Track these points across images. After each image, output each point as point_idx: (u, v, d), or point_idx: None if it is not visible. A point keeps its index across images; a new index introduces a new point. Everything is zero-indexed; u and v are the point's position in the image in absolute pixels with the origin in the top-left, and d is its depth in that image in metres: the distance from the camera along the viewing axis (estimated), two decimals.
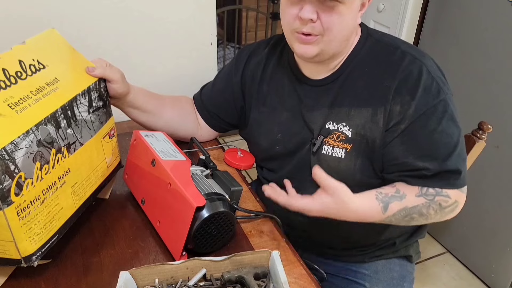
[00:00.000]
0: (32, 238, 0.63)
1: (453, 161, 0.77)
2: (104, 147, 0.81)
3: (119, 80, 0.84)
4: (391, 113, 0.78)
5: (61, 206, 0.69)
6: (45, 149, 0.63)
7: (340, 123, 0.83)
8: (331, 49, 0.79)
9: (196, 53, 1.31)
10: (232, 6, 2.79)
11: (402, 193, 0.79)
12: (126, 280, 0.62)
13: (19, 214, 0.60)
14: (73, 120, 0.71)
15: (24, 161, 0.59)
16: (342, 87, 0.83)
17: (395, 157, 0.79)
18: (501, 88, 1.47)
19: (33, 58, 0.69)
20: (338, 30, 0.76)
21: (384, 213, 0.77)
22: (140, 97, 0.94)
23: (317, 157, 0.85)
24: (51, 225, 0.67)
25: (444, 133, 0.77)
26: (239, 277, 0.65)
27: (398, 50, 0.80)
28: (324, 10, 0.73)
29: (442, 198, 0.79)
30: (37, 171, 0.62)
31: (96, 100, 0.78)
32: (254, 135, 0.98)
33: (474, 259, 1.74)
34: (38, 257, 0.65)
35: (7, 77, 0.63)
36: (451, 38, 1.64)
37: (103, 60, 0.84)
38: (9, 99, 0.61)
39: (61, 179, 0.68)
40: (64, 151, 0.68)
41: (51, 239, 0.68)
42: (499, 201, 1.55)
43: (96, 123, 0.78)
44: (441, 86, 0.77)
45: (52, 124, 0.65)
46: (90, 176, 0.77)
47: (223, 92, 1.01)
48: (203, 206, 0.70)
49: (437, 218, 0.81)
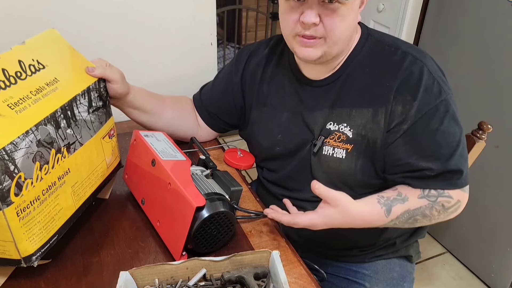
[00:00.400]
0: (32, 239, 0.63)
1: (455, 160, 0.77)
2: (104, 147, 0.81)
3: (119, 80, 0.84)
4: (393, 113, 0.77)
5: (61, 206, 0.69)
6: (45, 149, 0.63)
7: (341, 124, 0.83)
8: (334, 51, 0.79)
9: (196, 53, 1.31)
10: (232, 6, 2.79)
11: (404, 195, 0.79)
12: (126, 280, 0.62)
13: (18, 215, 0.59)
14: (72, 120, 0.71)
15: (23, 162, 0.59)
16: (343, 88, 0.83)
17: (398, 158, 0.79)
18: (501, 88, 1.47)
19: (33, 58, 0.69)
20: (341, 31, 0.75)
21: (388, 217, 0.77)
22: (140, 97, 0.94)
23: (318, 158, 0.85)
24: (51, 225, 0.67)
25: (446, 133, 0.77)
26: (239, 277, 0.65)
27: (399, 50, 0.80)
28: (326, 14, 0.73)
29: (445, 199, 0.79)
30: (36, 171, 0.62)
31: (96, 100, 0.78)
32: (254, 135, 0.98)
33: (474, 259, 1.73)
34: (38, 257, 0.65)
35: (7, 77, 0.63)
36: (451, 38, 1.64)
37: (103, 60, 0.84)
38: (8, 100, 0.61)
39: (60, 179, 0.68)
40: (64, 151, 0.68)
41: (51, 239, 0.68)
42: (499, 201, 1.55)
43: (96, 123, 0.78)
44: (442, 86, 0.77)
45: (52, 124, 0.65)
46: (90, 176, 0.77)
47: (223, 93, 1.01)
48: (203, 206, 0.70)
49: (441, 218, 0.81)
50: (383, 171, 0.83)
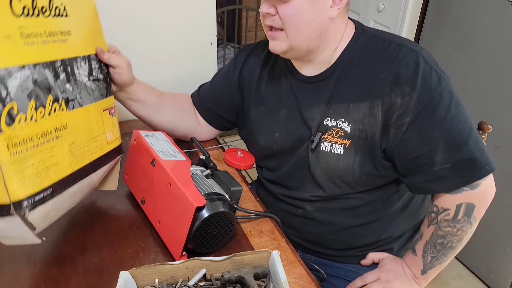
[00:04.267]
0: (23, 181, 0.61)
1: (470, 148, 0.75)
2: (104, 120, 0.81)
3: (124, 68, 0.85)
4: (392, 106, 0.76)
5: (57, 160, 0.68)
6: (41, 92, 0.64)
7: (338, 119, 0.82)
8: (301, 44, 0.80)
9: (196, 53, 1.31)
10: (232, 6, 2.79)
11: (421, 232, 0.86)
12: (126, 280, 0.62)
13: (9, 148, 0.58)
14: (72, 78, 0.71)
15: (17, 92, 0.59)
16: (338, 83, 0.83)
17: (411, 152, 0.77)
18: (501, 88, 1.47)
19: (62, 2, 0.69)
20: (299, 24, 0.77)
21: (416, 255, 0.85)
22: (142, 89, 0.95)
23: (316, 154, 0.85)
24: (45, 174, 0.66)
25: (456, 120, 0.75)
26: (239, 277, 0.65)
27: (393, 43, 0.80)
28: (280, 4, 0.76)
29: (442, 215, 0.80)
30: (31, 110, 0.61)
31: (96, 70, 0.79)
32: (253, 134, 0.98)
33: (474, 259, 1.74)
34: (29, 206, 0.62)
35: (33, 7, 0.62)
36: (451, 38, 1.64)
37: (114, 46, 0.87)
38: (24, 28, 0.60)
39: (57, 131, 0.68)
40: (62, 103, 0.68)
41: (44, 191, 0.65)
42: (499, 201, 1.54)
43: (96, 92, 0.78)
44: (440, 74, 0.76)
45: (50, 71, 0.66)
46: (89, 143, 0.76)
47: (221, 89, 1.02)
48: (203, 206, 0.70)
49: (466, 226, 0.81)
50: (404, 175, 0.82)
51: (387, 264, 0.91)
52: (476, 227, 0.83)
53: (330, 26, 0.80)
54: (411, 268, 0.87)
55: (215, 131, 1.10)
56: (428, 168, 0.77)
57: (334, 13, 0.78)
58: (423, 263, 0.85)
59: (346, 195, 0.87)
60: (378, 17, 1.90)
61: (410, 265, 0.88)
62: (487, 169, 0.77)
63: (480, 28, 1.51)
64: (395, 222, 0.94)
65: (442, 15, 1.67)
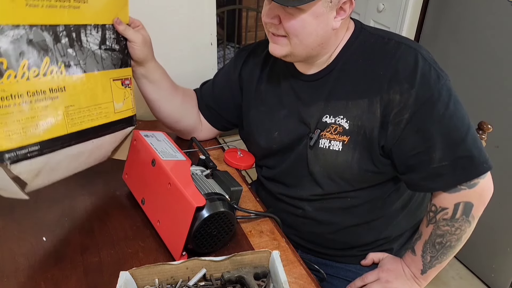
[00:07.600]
0: (8, 135, 0.62)
1: (468, 145, 0.75)
2: (113, 89, 0.80)
3: (139, 43, 0.85)
4: (391, 103, 0.76)
5: (49, 120, 0.68)
6: (37, 52, 0.64)
7: (337, 116, 0.82)
8: (302, 52, 0.79)
9: (196, 53, 1.31)
10: (232, 6, 2.79)
11: (420, 232, 0.86)
12: (126, 280, 0.62)
13: None
14: (77, 44, 0.71)
15: (7, 50, 0.60)
16: (337, 80, 0.83)
17: (409, 149, 0.77)
18: (501, 88, 1.47)
19: None
20: (303, 36, 0.76)
21: (416, 255, 0.85)
22: (159, 72, 0.94)
23: (314, 151, 0.85)
24: (33, 131, 0.66)
25: (454, 117, 0.75)
26: (239, 277, 0.65)
27: (392, 41, 0.80)
28: (284, 16, 0.75)
29: (441, 214, 0.80)
30: (23, 68, 0.62)
31: (111, 41, 0.79)
32: (253, 134, 0.98)
33: (474, 259, 1.74)
34: (12, 158, 0.63)
35: None
36: (451, 38, 1.64)
37: (138, 21, 0.87)
38: None
39: (53, 92, 0.68)
40: (61, 66, 0.69)
41: (29, 147, 0.65)
42: (499, 201, 1.55)
43: (107, 61, 0.78)
44: (439, 72, 0.76)
45: (50, 34, 0.66)
46: (91, 109, 0.76)
47: (222, 89, 1.02)
48: (203, 206, 0.70)
49: (464, 225, 0.81)
50: (402, 173, 0.82)
51: (387, 264, 0.91)
52: (476, 226, 0.82)
53: (332, 36, 0.80)
54: (411, 268, 0.87)
55: (215, 131, 1.10)
56: (426, 165, 0.77)
57: (337, 24, 0.78)
58: (423, 263, 0.85)
59: (345, 193, 0.87)
60: (378, 17, 1.90)
61: (410, 265, 0.88)
62: (484, 167, 0.77)
63: (480, 28, 1.51)
64: (395, 221, 0.94)
65: (442, 15, 1.67)
